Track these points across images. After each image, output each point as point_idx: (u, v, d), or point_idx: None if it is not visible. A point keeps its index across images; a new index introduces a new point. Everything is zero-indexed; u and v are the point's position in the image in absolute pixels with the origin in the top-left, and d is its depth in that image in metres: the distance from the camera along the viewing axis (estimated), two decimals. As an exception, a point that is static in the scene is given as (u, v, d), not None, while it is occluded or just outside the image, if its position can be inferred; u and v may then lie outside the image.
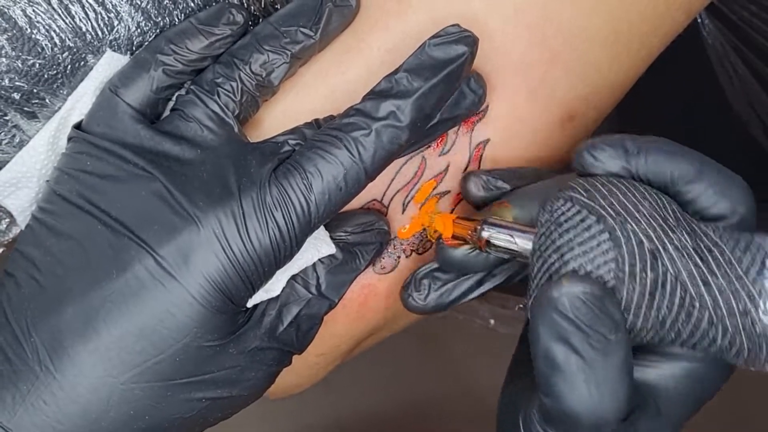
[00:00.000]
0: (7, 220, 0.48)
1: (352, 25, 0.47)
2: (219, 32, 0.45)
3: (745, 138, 0.74)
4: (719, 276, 0.39)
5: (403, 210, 0.49)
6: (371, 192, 0.48)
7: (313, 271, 0.45)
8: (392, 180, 0.48)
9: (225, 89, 0.44)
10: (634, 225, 0.39)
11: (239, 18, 0.45)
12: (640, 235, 0.39)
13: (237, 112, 0.44)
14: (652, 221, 0.39)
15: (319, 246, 0.45)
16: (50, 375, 0.41)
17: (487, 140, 0.49)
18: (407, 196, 0.49)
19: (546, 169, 0.49)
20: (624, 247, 0.39)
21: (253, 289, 0.42)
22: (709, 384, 0.42)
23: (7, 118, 0.45)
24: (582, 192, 0.41)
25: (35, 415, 0.40)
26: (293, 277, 0.45)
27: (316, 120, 0.45)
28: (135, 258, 0.41)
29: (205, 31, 0.44)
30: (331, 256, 0.46)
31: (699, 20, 0.72)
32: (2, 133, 0.45)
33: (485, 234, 0.44)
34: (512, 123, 0.49)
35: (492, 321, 0.95)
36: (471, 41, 0.43)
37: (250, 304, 0.43)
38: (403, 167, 0.48)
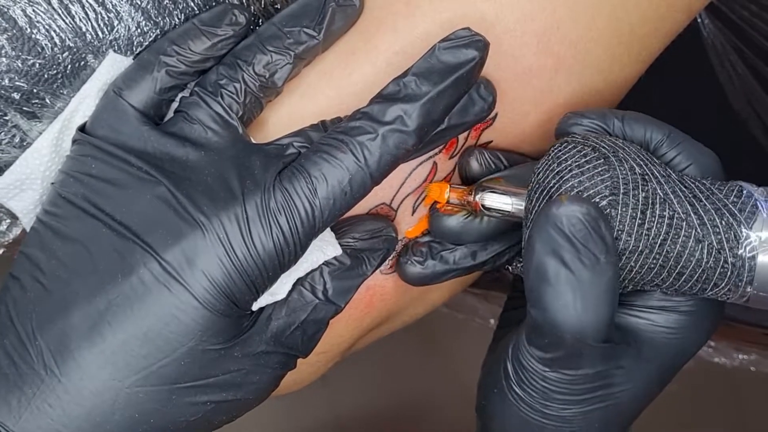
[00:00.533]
0: (8, 221, 0.48)
1: (357, 26, 0.47)
2: (221, 33, 0.44)
3: (745, 137, 0.74)
4: (703, 199, 0.42)
5: (413, 212, 0.49)
6: (379, 195, 0.48)
7: (320, 276, 0.45)
8: (402, 184, 0.48)
9: (228, 90, 0.44)
10: (625, 154, 0.43)
11: (242, 19, 0.45)
12: (631, 162, 0.42)
13: (241, 113, 0.44)
14: (640, 155, 0.43)
15: (324, 248, 0.45)
16: (55, 378, 0.41)
17: (490, 141, 0.49)
18: (417, 199, 0.49)
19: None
20: (618, 169, 0.42)
21: (258, 293, 0.42)
22: (691, 337, 0.45)
23: (7, 118, 0.44)
24: (577, 135, 0.44)
25: (40, 419, 0.40)
26: (300, 282, 0.45)
27: (323, 122, 0.45)
28: (140, 262, 0.41)
29: (207, 32, 0.44)
30: (339, 261, 0.46)
31: (699, 20, 0.72)
32: (2, 133, 0.45)
33: (480, 196, 0.46)
34: (513, 130, 0.49)
35: (492, 321, 0.95)
36: (482, 45, 0.43)
37: (255, 307, 0.43)
38: (414, 171, 0.48)
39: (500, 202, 0.46)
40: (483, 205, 0.46)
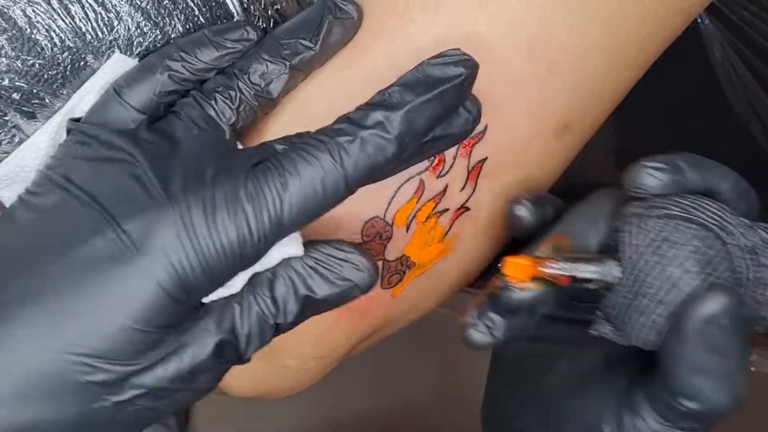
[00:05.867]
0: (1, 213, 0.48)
1: (354, 40, 0.47)
2: (230, 46, 0.45)
3: (745, 138, 0.74)
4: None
5: (407, 228, 0.49)
6: (372, 208, 0.48)
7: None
8: (392, 198, 0.48)
9: (223, 97, 0.44)
10: (732, 228, 0.42)
11: (252, 35, 0.45)
12: (738, 235, 0.42)
13: (233, 120, 0.44)
14: (735, 224, 0.42)
15: (286, 246, 0.43)
16: None
17: (485, 159, 0.49)
18: (410, 215, 0.49)
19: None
20: (733, 253, 0.41)
21: (212, 284, 0.41)
22: None
23: (6, 118, 0.45)
24: (673, 207, 0.42)
25: None
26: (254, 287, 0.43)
27: (308, 132, 0.45)
28: (98, 229, 0.40)
29: (217, 43, 0.45)
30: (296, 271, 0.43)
31: (699, 20, 0.72)
32: (2, 133, 0.45)
33: (559, 269, 0.42)
34: (508, 140, 0.48)
35: (492, 321, 0.94)
36: (470, 64, 0.42)
37: (207, 300, 0.42)
38: (402, 187, 0.48)
39: (589, 271, 0.43)
40: (573, 277, 0.42)
